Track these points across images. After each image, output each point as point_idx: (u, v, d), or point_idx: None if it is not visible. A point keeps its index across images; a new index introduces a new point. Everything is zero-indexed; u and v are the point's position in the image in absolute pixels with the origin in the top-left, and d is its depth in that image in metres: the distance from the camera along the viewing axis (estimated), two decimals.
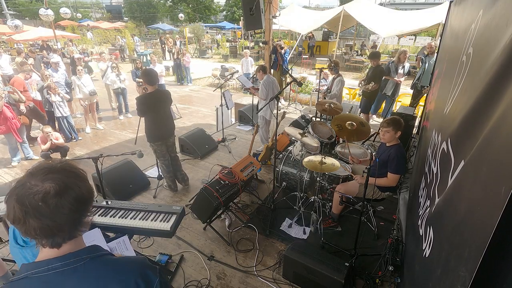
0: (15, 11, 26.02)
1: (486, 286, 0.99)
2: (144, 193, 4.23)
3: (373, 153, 2.49)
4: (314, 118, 5.39)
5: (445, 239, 1.42)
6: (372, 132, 4.35)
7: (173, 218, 2.35)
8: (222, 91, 5.73)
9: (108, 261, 0.94)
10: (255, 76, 5.75)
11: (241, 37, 23.43)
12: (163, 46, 18.71)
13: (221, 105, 5.97)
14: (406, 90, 7.81)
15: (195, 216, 3.45)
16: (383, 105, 6.46)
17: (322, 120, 5.05)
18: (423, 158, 2.99)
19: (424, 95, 5.68)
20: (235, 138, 6.20)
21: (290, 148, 4.16)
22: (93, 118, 6.88)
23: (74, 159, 5.09)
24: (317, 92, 6.06)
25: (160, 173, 4.31)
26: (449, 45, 3.56)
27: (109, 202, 2.45)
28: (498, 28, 1.39)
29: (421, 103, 6.05)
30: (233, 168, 3.48)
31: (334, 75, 5.58)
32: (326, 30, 20.05)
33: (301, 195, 3.77)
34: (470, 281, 0.96)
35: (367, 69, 7.19)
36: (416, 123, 5.36)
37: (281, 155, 4.14)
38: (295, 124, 5.30)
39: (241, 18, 18.79)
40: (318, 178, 3.48)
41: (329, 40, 19.87)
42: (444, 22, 5.46)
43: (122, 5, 38.07)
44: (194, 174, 4.74)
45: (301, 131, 3.52)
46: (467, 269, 1.02)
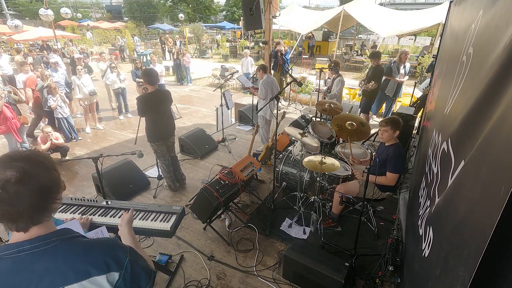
0: (15, 11, 26.02)
1: (486, 286, 0.99)
2: (144, 193, 4.24)
3: (373, 153, 2.49)
4: (314, 118, 5.39)
5: (445, 239, 1.42)
6: (372, 132, 4.35)
7: (173, 218, 2.35)
8: (222, 91, 5.73)
9: (78, 243, 0.98)
10: (255, 76, 5.75)
11: (241, 37, 23.44)
12: (163, 46, 18.71)
13: (221, 105, 5.97)
14: (406, 90, 7.81)
15: (195, 216, 3.45)
16: (384, 105, 6.46)
17: (322, 120, 5.05)
18: (424, 158, 3.00)
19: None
20: (235, 138, 6.20)
21: (290, 148, 4.16)
22: (93, 118, 6.88)
23: (74, 159, 5.10)
24: (317, 92, 6.06)
25: (160, 173, 4.31)
26: (449, 45, 3.56)
27: (109, 202, 2.45)
28: (498, 28, 1.39)
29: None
30: (233, 168, 3.48)
31: (334, 75, 5.58)
32: (326, 30, 20.06)
33: (301, 195, 3.77)
34: (470, 281, 0.96)
35: (367, 69, 7.18)
36: (416, 123, 5.35)
37: (281, 155, 4.14)
38: (295, 124, 5.31)
39: (241, 18, 18.81)
40: (318, 178, 3.48)
41: (329, 40, 19.88)
42: (444, 22, 5.46)
43: (122, 5, 38.08)
44: (194, 174, 4.75)
45: (301, 131, 3.52)
46: (467, 269, 1.02)
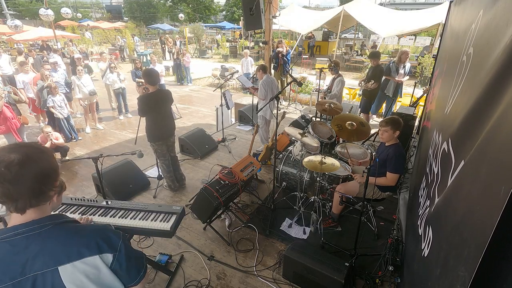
0: (15, 11, 26.01)
1: (486, 286, 0.99)
2: (144, 193, 4.24)
3: (373, 153, 2.49)
4: (314, 118, 5.39)
5: (444, 239, 1.42)
6: (372, 132, 4.35)
7: (173, 218, 2.35)
8: (222, 91, 5.73)
9: (71, 227, 1.03)
10: (255, 76, 5.75)
11: (239, 37, 23.44)
12: (163, 46, 18.71)
13: (221, 105, 5.97)
14: (406, 90, 7.81)
15: (195, 216, 3.45)
16: (384, 105, 6.46)
17: (322, 120, 5.05)
18: (424, 158, 3.00)
19: (424, 95, 5.69)
20: (235, 138, 6.20)
21: (290, 148, 4.16)
22: (93, 118, 6.88)
23: (74, 159, 5.10)
24: (317, 92, 6.06)
25: (160, 173, 4.31)
26: (449, 45, 3.56)
27: (109, 202, 2.45)
28: (499, 28, 1.39)
29: (421, 103, 6.05)
30: (233, 168, 3.48)
31: (334, 75, 5.58)
32: (326, 30, 20.05)
33: (301, 195, 3.77)
34: (470, 281, 0.96)
35: (367, 69, 7.18)
36: (416, 123, 5.35)
37: (281, 155, 4.14)
38: (295, 124, 5.31)
39: (241, 18, 18.81)
40: (318, 178, 3.48)
41: (329, 40, 19.88)
42: (444, 22, 5.46)
43: (122, 5, 38.07)
44: (194, 174, 4.75)
45: (301, 131, 3.51)
46: (467, 269, 1.02)
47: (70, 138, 5.98)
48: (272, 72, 7.28)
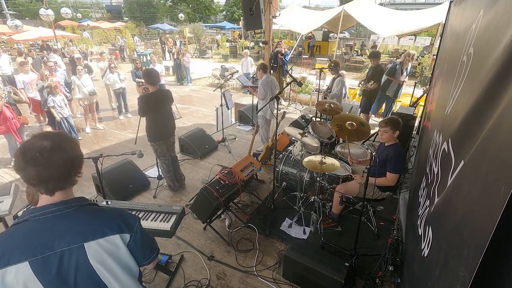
0: (15, 11, 26.00)
1: (487, 286, 0.99)
2: (144, 193, 4.23)
3: (373, 153, 2.49)
4: (314, 118, 5.39)
5: (444, 239, 1.42)
6: (372, 132, 4.35)
7: (173, 218, 2.35)
8: (222, 91, 5.73)
9: (95, 209, 1.14)
10: (255, 76, 5.76)
11: (239, 37, 23.44)
12: (163, 46, 18.71)
13: (221, 105, 5.97)
14: (406, 90, 7.81)
15: (195, 216, 3.45)
16: (384, 105, 6.46)
17: (322, 120, 5.05)
18: (424, 158, 3.00)
19: (424, 95, 5.69)
20: (235, 138, 6.20)
21: (290, 148, 4.16)
22: (93, 118, 6.88)
23: None
24: (317, 92, 6.06)
25: (160, 173, 4.31)
26: (450, 45, 3.56)
27: (109, 202, 2.45)
28: (499, 28, 1.39)
29: (421, 103, 6.05)
30: (233, 168, 3.48)
31: (334, 75, 5.58)
32: (326, 30, 20.05)
33: (301, 195, 3.77)
34: (470, 281, 0.96)
35: (367, 69, 7.18)
36: (416, 123, 5.36)
37: (281, 155, 4.14)
38: (295, 124, 5.31)
39: (241, 18, 18.81)
40: (318, 178, 3.48)
41: (329, 40, 19.88)
42: (444, 22, 5.46)
43: (122, 5, 38.07)
44: (194, 174, 4.74)
45: (301, 131, 3.52)
46: (467, 269, 1.02)
47: None
48: (271, 73, 7.28)
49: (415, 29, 11.78)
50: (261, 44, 16.11)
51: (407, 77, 6.09)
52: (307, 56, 16.45)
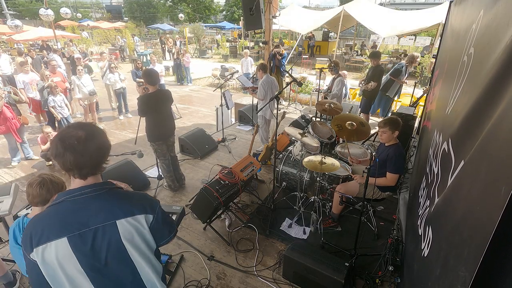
0: (15, 11, 25.99)
1: (488, 286, 0.99)
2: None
3: (373, 153, 2.49)
4: (314, 118, 5.39)
5: (444, 239, 1.42)
6: (372, 132, 4.35)
7: (173, 218, 2.35)
8: (222, 91, 5.73)
9: (122, 191, 1.28)
10: (255, 76, 5.75)
11: (238, 37, 23.43)
12: (163, 46, 18.70)
13: (221, 105, 5.97)
14: (407, 90, 7.81)
15: (195, 216, 3.45)
16: (384, 105, 6.46)
17: (322, 120, 5.05)
18: (424, 158, 2.99)
19: (424, 95, 5.69)
20: (235, 138, 6.20)
21: (290, 148, 4.16)
22: (93, 118, 6.87)
23: None
24: (317, 92, 6.06)
25: (160, 173, 4.31)
26: (450, 46, 3.56)
27: None
28: (499, 28, 1.39)
29: (421, 103, 6.05)
30: (233, 168, 3.48)
31: (334, 75, 5.58)
32: (326, 30, 20.05)
33: (301, 195, 3.77)
34: (471, 281, 0.96)
35: (367, 69, 7.18)
36: (416, 123, 5.35)
37: (281, 155, 4.14)
38: (295, 124, 5.31)
39: (241, 18, 18.80)
40: (318, 178, 3.48)
41: (329, 40, 19.87)
42: (444, 22, 5.46)
43: (122, 5, 38.06)
44: (194, 174, 4.74)
45: (301, 131, 3.51)
46: (467, 269, 1.02)
47: None
48: (271, 73, 7.29)
49: (415, 29, 11.78)
50: (261, 44, 16.11)
51: (406, 77, 6.12)
52: (307, 56, 16.44)
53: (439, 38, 5.69)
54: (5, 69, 8.72)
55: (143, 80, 3.64)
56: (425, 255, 1.69)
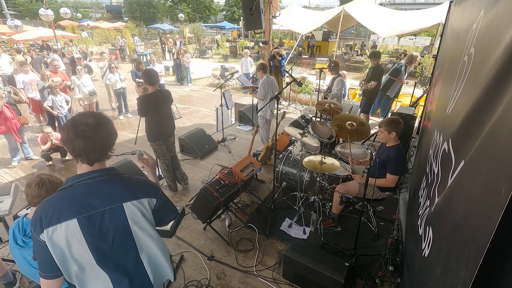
0: (15, 11, 25.99)
1: (488, 286, 0.99)
2: None
3: (373, 153, 2.48)
4: (314, 118, 5.39)
5: (444, 239, 1.42)
6: (372, 132, 4.35)
7: None
8: (222, 91, 5.73)
9: (127, 177, 1.35)
10: (255, 76, 5.75)
11: (237, 37, 23.43)
12: (163, 46, 18.70)
13: (221, 105, 5.97)
14: (407, 90, 7.81)
15: (195, 216, 3.44)
16: (383, 106, 6.45)
17: (322, 120, 5.04)
18: (424, 158, 2.99)
19: (424, 95, 5.69)
20: (235, 138, 6.19)
21: (290, 148, 4.16)
22: None
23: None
24: (317, 92, 6.06)
25: (160, 173, 4.31)
26: (450, 46, 3.56)
27: None
28: (500, 28, 1.39)
29: (421, 103, 6.05)
30: (233, 168, 3.48)
31: (334, 75, 5.58)
32: (326, 30, 20.04)
33: (301, 195, 3.76)
34: (471, 281, 0.96)
35: (367, 69, 7.18)
36: (416, 123, 5.35)
37: (281, 155, 4.13)
38: (295, 124, 5.30)
39: (241, 18, 18.80)
40: (318, 178, 3.48)
41: (329, 40, 19.86)
42: (444, 22, 5.46)
43: (122, 5, 38.05)
44: (194, 174, 4.74)
45: (301, 131, 3.51)
46: (467, 269, 1.02)
47: None
48: (271, 73, 7.29)
49: (415, 29, 11.77)
50: (261, 44, 16.11)
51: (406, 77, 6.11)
52: (307, 56, 16.44)
53: (439, 38, 5.69)
54: (5, 69, 8.72)
55: (143, 80, 3.63)
56: (426, 255, 1.69)
